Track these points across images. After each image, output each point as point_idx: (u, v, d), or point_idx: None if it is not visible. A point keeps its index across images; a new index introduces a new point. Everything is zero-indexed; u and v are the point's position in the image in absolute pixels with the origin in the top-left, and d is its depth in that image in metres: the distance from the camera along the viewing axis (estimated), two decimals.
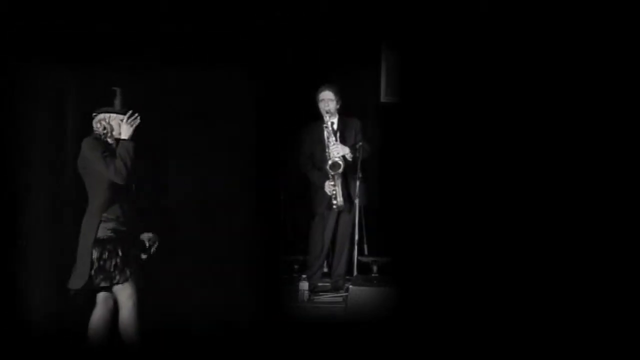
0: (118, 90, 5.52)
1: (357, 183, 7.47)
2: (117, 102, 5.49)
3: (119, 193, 5.41)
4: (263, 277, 7.30)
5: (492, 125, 6.21)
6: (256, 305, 6.53)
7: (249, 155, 7.32)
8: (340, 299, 7.07)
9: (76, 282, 5.33)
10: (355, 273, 7.43)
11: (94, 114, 5.55)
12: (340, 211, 7.48)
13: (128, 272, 5.36)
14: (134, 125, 5.50)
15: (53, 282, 5.81)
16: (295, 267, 8.16)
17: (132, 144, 5.45)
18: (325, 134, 7.49)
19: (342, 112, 7.56)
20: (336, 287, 7.47)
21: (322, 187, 7.47)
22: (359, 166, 7.44)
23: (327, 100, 7.45)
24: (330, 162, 7.42)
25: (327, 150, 7.45)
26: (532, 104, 6.13)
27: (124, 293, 5.36)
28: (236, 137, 7.31)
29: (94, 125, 5.53)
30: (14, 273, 5.84)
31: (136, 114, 5.48)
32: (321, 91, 7.50)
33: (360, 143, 7.45)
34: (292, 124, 7.78)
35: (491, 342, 5.52)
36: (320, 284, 7.54)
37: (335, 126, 7.49)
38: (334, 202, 7.42)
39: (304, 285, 7.16)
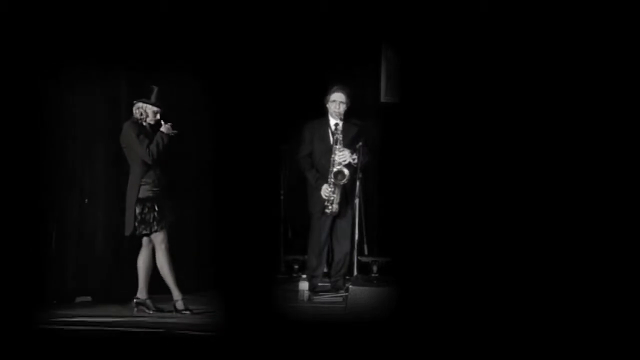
0: (155, 88, 6.90)
1: (357, 183, 7.41)
2: (153, 96, 6.91)
3: (153, 163, 6.84)
4: (263, 276, 7.43)
5: (492, 125, 6.21)
6: (256, 305, 6.57)
7: (249, 155, 7.44)
8: (340, 299, 7.04)
9: (126, 230, 6.88)
10: (355, 273, 7.41)
11: (134, 102, 6.97)
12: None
13: (163, 223, 6.85)
14: (172, 131, 6.88)
15: (108, 228, 7.57)
16: (295, 267, 8.15)
17: (168, 136, 6.83)
18: (330, 136, 7.37)
19: (347, 115, 7.45)
20: (336, 287, 7.42)
21: (318, 190, 7.35)
22: (358, 167, 7.35)
23: (339, 103, 7.31)
24: (335, 169, 7.30)
25: (332, 155, 7.30)
26: (531, 104, 6.13)
27: (158, 239, 6.85)
28: (236, 136, 7.43)
29: (134, 111, 6.96)
30: (81, 221, 7.54)
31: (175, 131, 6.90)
32: (334, 92, 7.33)
33: (360, 143, 7.36)
34: (294, 123, 7.78)
35: (491, 342, 5.49)
36: (320, 284, 7.50)
37: (340, 129, 7.33)
38: (329, 207, 7.32)
39: (304, 285, 7.14)
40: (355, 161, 7.28)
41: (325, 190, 7.30)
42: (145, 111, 6.90)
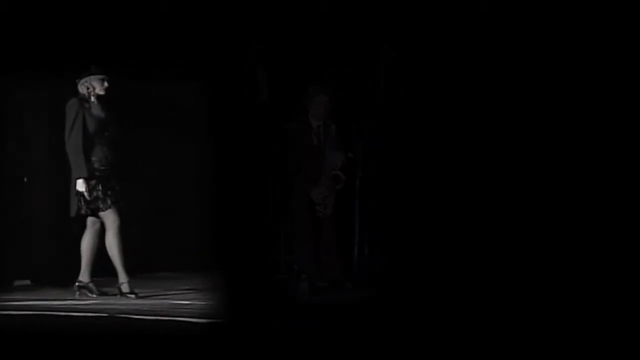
0: (92, 64, 6.87)
1: (357, 183, 7.35)
2: (93, 66, 6.88)
3: (97, 140, 6.83)
4: (263, 277, 7.47)
5: (493, 125, 6.25)
6: (256, 306, 6.56)
7: (249, 156, 7.48)
8: (341, 299, 7.00)
9: (70, 210, 6.85)
10: (355, 273, 7.40)
11: (77, 80, 6.91)
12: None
13: (109, 202, 6.82)
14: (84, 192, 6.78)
15: (50, 208, 7.58)
16: (295, 267, 7.91)
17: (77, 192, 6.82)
18: (314, 137, 7.30)
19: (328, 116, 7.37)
20: (336, 288, 7.30)
21: (305, 193, 7.26)
22: (359, 167, 7.33)
23: (323, 105, 7.22)
24: (332, 173, 7.23)
25: (326, 158, 7.25)
26: (531, 104, 6.17)
27: (109, 219, 6.83)
28: (235, 137, 7.47)
29: (79, 89, 6.91)
30: (21, 202, 7.61)
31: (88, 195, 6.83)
32: (317, 94, 7.22)
33: (360, 144, 7.35)
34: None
35: (489, 342, 5.42)
36: (320, 284, 7.34)
37: (332, 131, 7.27)
38: (322, 210, 7.23)
39: (304, 286, 7.05)
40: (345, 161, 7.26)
41: (318, 193, 7.22)
42: (91, 84, 6.89)
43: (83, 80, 6.88)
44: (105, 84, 6.88)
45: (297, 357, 5.41)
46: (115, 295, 6.85)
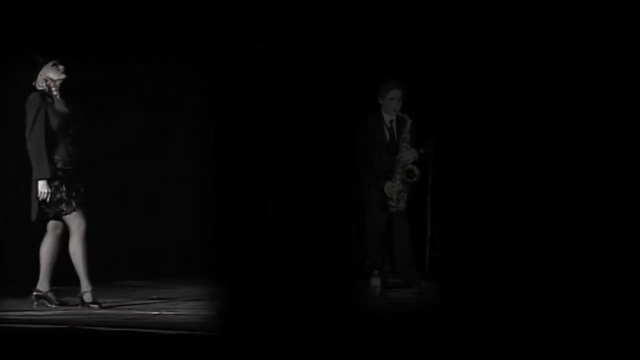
0: (33, 53, 6.60)
1: (430, 179, 7.50)
2: (38, 58, 6.56)
3: (61, 137, 6.52)
4: (336, 274, 7.57)
5: (493, 125, 6.29)
6: (330, 302, 6.50)
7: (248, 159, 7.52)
8: (412, 295, 7.01)
9: (32, 214, 6.54)
10: (426, 269, 7.57)
11: (34, 83, 6.56)
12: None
13: (74, 204, 6.48)
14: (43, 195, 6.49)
15: (7, 212, 7.29)
16: (368, 263, 7.79)
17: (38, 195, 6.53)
18: (386, 132, 7.28)
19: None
20: (408, 283, 7.26)
21: (378, 187, 7.20)
22: (431, 163, 7.46)
23: (397, 100, 7.20)
24: (407, 168, 7.18)
25: (400, 153, 7.20)
26: (533, 102, 6.14)
27: (74, 222, 6.49)
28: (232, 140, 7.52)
29: (38, 86, 6.54)
30: None
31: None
32: (392, 89, 7.20)
33: (431, 139, 7.40)
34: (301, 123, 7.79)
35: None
36: (391, 280, 7.36)
37: (408, 126, 7.21)
38: (394, 205, 7.18)
39: (376, 282, 7.12)
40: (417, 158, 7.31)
41: (391, 188, 7.18)
42: (47, 76, 6.55)
43: (39, 77, 6.54)
44: (60, 67, 6.52)
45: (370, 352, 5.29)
46: (77, 305, 6.55)
